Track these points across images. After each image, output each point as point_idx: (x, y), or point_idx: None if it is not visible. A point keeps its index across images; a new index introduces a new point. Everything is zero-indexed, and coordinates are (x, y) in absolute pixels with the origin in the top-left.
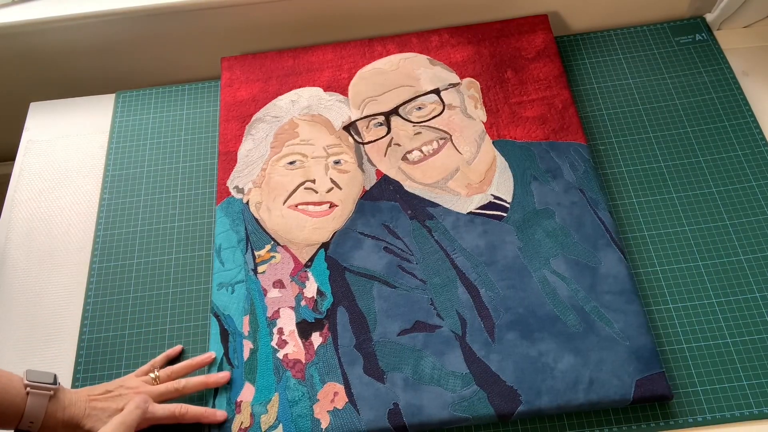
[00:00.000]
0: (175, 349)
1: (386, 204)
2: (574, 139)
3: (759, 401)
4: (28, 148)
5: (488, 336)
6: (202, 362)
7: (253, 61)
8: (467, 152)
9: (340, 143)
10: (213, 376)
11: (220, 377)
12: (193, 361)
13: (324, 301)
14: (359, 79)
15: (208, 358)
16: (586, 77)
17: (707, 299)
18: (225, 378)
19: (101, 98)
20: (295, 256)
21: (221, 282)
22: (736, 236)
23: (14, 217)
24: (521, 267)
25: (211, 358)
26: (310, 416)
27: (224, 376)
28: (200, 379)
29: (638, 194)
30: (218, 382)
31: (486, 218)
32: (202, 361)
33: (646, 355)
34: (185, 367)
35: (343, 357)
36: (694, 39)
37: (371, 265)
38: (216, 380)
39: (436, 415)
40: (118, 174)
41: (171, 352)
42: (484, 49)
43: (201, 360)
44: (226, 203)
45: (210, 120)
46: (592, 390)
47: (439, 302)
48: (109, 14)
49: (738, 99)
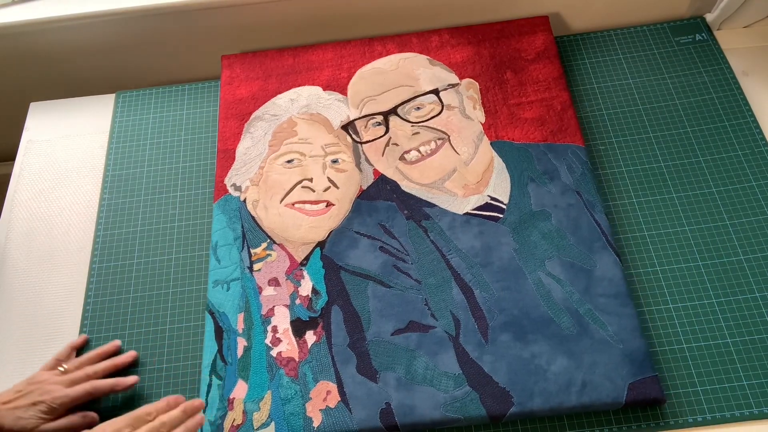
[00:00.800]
0: (80, 338)
1: (383, 204)
2: (572, 141)
3: (758, 401)
4: (28, 148)
5: (482, 337)
6: (108, 351)
7: (253, 60)
8: (465, 153)
9: (338, 142)
10: (121, 357)
11: (127, 357)
12: (99, 350)
13: (319, 300)
14: (358, 78)
15: (113, 346)
16: (586, 77)
17: (707, 299)
18: (131, 357)
19: (101, 98)
20: (290, 254)
21: (217, 279)
22: (736, 236)
23: (14, 217)
24: (516, 268)
25: (115, 346)
26: (302, 414)
27: (130, 355)
28: (108, 362)
29: (638, 194)
30: (125, 362)
31: (482, 219)
32: (108, 350)
33: (640, 359)
34: (92, 357)
35: (337, 356)
36: (694, 39)
37: (366, 265)
38: (123, 361)
39: (428, 415)
40: (118, 174)
41: (75, 342)
42: (483, 50)
43: (107, 349)
44: (223, 201)
45: (210, 120)
46: (584, 392)
47: (434, 303)
48: (109, 14)
49: (738, 99)
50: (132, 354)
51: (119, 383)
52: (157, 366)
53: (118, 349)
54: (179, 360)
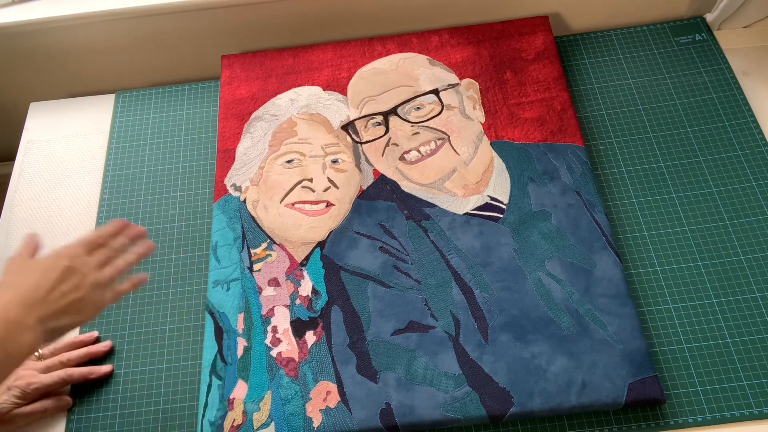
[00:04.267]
0: None
1: (383, 204)
2: (572, 141)
3: (758, 401)
4: (28, 148)
5: (482, 337)
6: (84, 340)
7: (253, 60)
8: (465, 153)
9: (338, 142)
10: (97, 346)
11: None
12: (76, 338)
13: (318, 300)
14: (358, 78)
15: (90, 336)
16: (586, 77)
17: (707, 299)
18: (107, 347)
19: (101, 98)
20: (290, 254)
21: (217, 279)
22: (736, 236)
23: (14, 217)
24: (516, 268)
25: (92, 337)
26: (302, 415)
27: (106, 345)
28: (84, 350)
29: (638, 194)
30: (101, 351)
31: (482, 219)
32: (84, 340)
33: (639, 359)
34: (69, 344)
35: (337, 356)
36: (694, 39)
37: (366, 265)
38: (99, 350)
39: (428, 415)
40: (118, 174)
41: None
42: (483, 50)
43: (83, 338)
44: (223, 201)
45: (210, 120)
46: (584, 393)
47: (434, 303)
48: (109, 14)
49: (738, 99)
50: (107, 344)
51: (93, 371)
52: (157, 366)
53: (95, 339)
54: (179, 360)
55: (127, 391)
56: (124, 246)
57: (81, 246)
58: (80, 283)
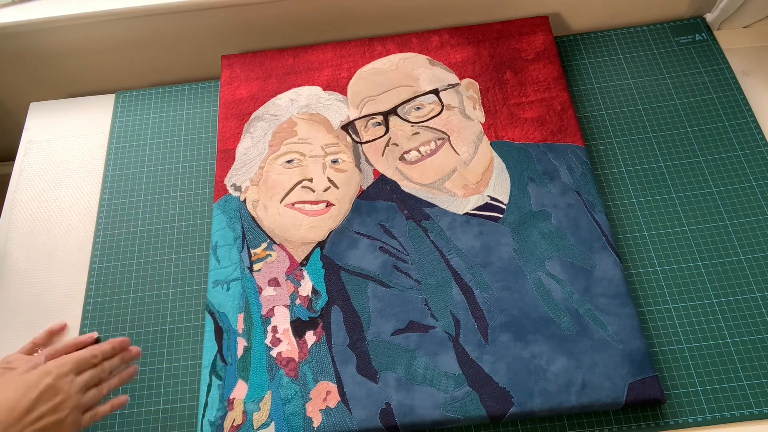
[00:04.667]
0: (59, 324)
1: (383, 204)
2: (572, 141)
3: (758, 401)
4: (28, 148)
5: (482, 337)
6: (84, 342)
7: (253, 60)
8: (465, 153)
9: (338, 142)
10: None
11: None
12: (76, 339)
13: (318, 300)
14: (358, 78)
15: (90, 337)
16: (586, 77)
17: (707, 299)
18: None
19: (101, 98)
20: (290, 254)
21: (217, 279)
22: (736, 236)
23: (14, 218)
24: (516, 268)
25: (92, 338)
26: (302, 415)
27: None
28: None
29: (638, 194)
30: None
31: (482, 219)
32: (84, 341)
33: (639, 359)
34: (69, 345)
35: (337, 356)
36: (694, 39)
37: (366, 265)
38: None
39: (428, 415)
40: (118, 174)
41: (53, 327)
42: (483, 50)
43: (83, 339)
44: (223, 201)
45: (210, 120)
46: (584, 393)
47: (434, 303)
48: (109, 14)
49: (738, 99)
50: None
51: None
52: (157, 366)
53: (95, 339)
54: (179, 360)
55: (127, 391)
56: (114, 368)
57: (72, 363)
58: (60, 405)
